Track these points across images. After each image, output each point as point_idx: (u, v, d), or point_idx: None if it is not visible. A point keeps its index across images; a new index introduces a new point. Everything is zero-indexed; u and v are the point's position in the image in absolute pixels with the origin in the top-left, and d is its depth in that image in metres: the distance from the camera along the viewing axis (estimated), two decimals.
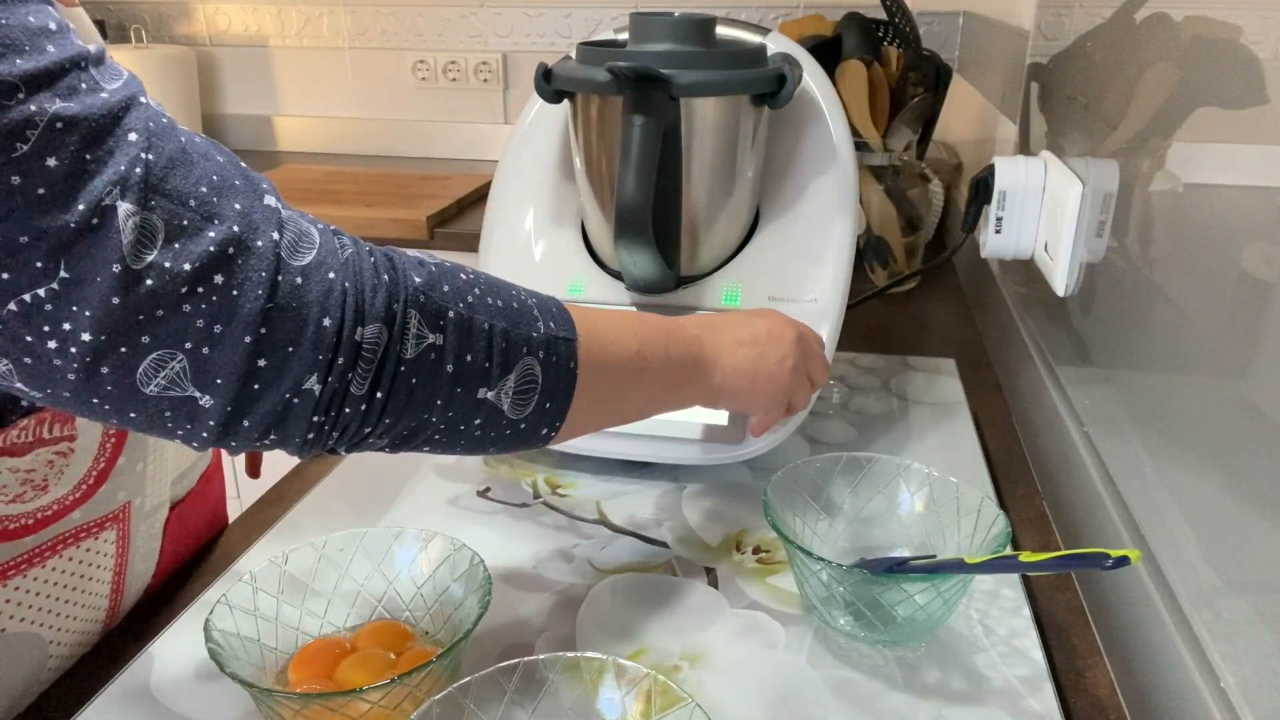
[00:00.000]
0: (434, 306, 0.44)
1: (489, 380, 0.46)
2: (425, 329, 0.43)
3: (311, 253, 0.40)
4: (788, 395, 0.64)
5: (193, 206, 0.37)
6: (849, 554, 0.62)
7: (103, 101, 0.35)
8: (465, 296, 0.45)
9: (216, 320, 0.37)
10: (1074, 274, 0.76)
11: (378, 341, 0.41)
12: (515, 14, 2.03)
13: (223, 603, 0.50)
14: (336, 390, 0.40)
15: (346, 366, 0.40)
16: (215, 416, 0.39)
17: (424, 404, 0.44)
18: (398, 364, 0.42)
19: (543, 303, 0.50)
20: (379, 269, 0.42)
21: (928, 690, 0.53)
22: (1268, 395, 0.43)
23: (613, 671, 0.45)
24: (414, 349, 0.43)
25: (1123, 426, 0.63)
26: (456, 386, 0.45)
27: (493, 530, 0.68)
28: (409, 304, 0.42)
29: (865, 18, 1.24)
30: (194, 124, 2.17)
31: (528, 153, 0.82)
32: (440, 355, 0.44)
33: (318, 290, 0.39)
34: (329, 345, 0.40)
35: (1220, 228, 0.51)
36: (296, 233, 0.40)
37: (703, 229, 0.74)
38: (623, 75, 0.62)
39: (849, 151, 0.76)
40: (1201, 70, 0.54)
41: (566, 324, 0.50)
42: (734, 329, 0.61)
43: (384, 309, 0.41)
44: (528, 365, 0.47)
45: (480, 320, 0.45)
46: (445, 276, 0.45)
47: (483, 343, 0.45)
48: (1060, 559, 0.47)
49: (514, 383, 0.47)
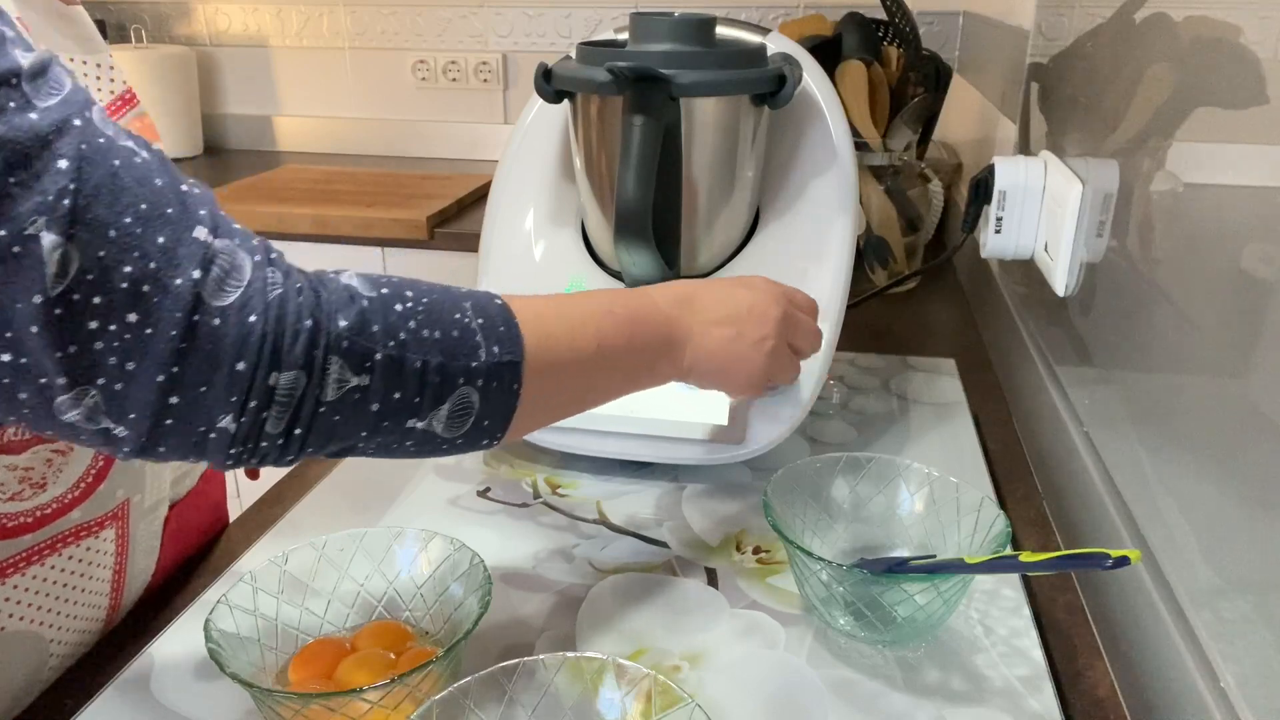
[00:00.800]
0: (360, 350, 0.42)
1: (419, 412, 0.45)
2: (348, 373, 0.42)
3: (235, 292, 0.39)
4: (764, 377, 0.62)
5: (112, 238, 0.36)
6: (849, 554, 0.62)
7: (31, 123, 0.34)
8: (398, 333, 0.44)
9: (129, 358, 0.37)
10: (1074, 274, 0.76)
11: (294, 387, 0.41)
12: (515, 14, 2.03)
13: (223, 603, 0.50)
14: (252, 428, 0.40)
15: (260, 408, 0.40)
16: (131, 444, 0.39)
17: (348, 436, 0.44)
18: (316, 405, 0.42)
19: (490, 322, 0.48)
20: (302, 312, 0.41)
21: (928, 690, 0.53)
22: (1268, 395, 0.43)
23: (613, 671, 0.45)
24: (335, 392, 0.42)
25: (1123, 426, 0.63)
26: (383, 421, 0.44)
27: (493, 530, 0.68)
28: (330, 350, 0.41)
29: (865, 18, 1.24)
30: (194, 124, 2.17)
31: (528, 153, 0.82)
32: (365, 395, 0.43)
33: (235, 333, 0.39)
34: (242, 389, 0.39)
35: (1220, 228, 0.51)
36: (225, 268, 0.39)
37: (702, 229, 0.74)
38: (623, 75, 0.62)
39: (849, 151, 0.76)
40: (1201, 70, 0.54)
41: (513, 344, 0.48)
42: (714, 306, 0.59)
43: (302, 356, 0.40)
44: (463, 395, 0.46)
45: (412, 359, 0.44)
46: (379, 312, 0.44)
47: (413, 380, 0.44)
48: (1060, 559, 0.47)
49: (447, 411, 0.46)
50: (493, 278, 0.79)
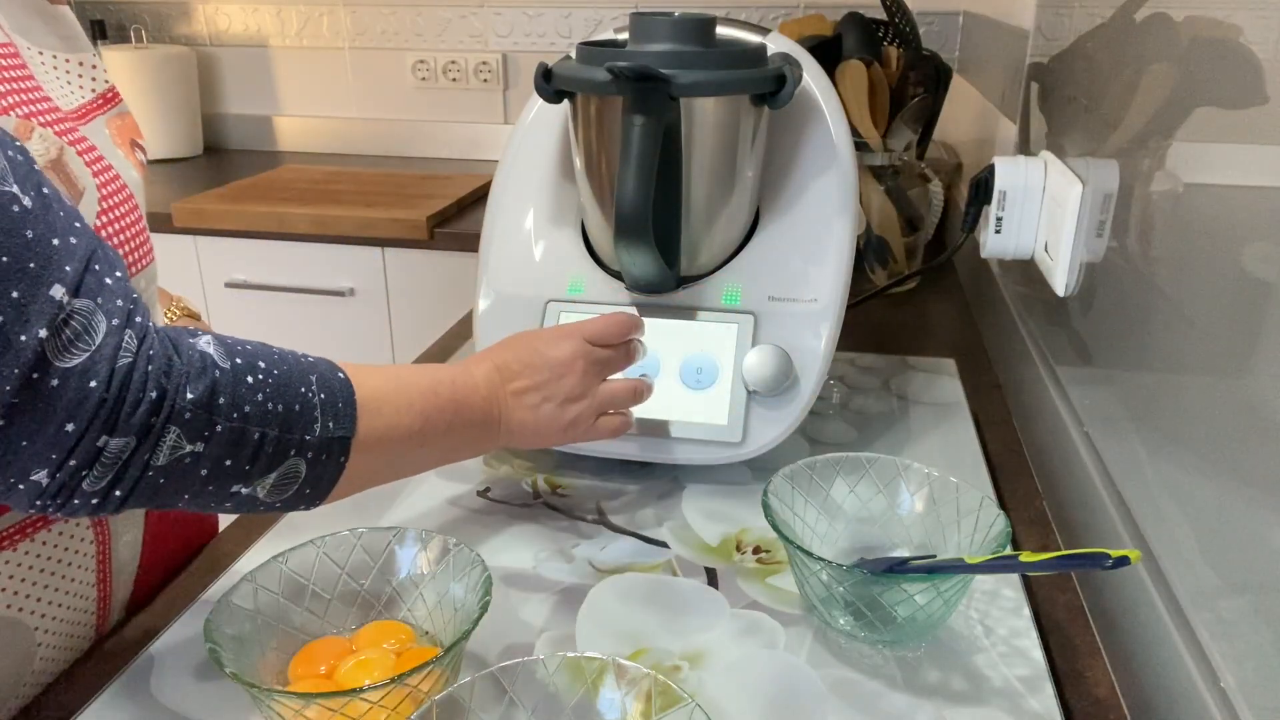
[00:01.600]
0: (202, 421, 0.43)
1: (247, 479, 0.46)
2: (184, 441, 0.43)
3: (81, 355, 0.39)
4: (576, 430, 0.65)
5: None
6: (849, 554, 0.62)
7: None
8: (243, 407, 0.45)
9: None
10: (1074, 274, 0.76)
11: (123, 450, 0.41)
12: (515, 14, 2.03)
13: (223, 603, 0.50)
14: (66, 485, 0.40)
15: (81, 467, 0.40)
16: None
17: (169, 497, 0.44)
18: (144, 469, 0.42)
19: (331, 396, 0.50)
20: (149, 383, 0.41)
21: (928, 690, 0.53)
22: (1268, 395, 0.43)
23: (613, 671, 0.45)
24: (167, 457, 0.42)
25: (1123, 426, 0.63)
26: (209, 485, 0.45)
27: (493, 530, 0.68)
28: (171, 419, 0.42)
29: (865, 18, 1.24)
30: (194, 124, 2.17)
31: (528, 153, 0.82)
32: (196, 461, 0.44)
33: (72, 396, 0.39)
34: (64, 448, 0.39)
35: (1220, 228, 0.51)
36: (77, 330, 0.39)
37: (703, 229, 0.74)
38: (623, 75, 0.62)
39: (849, 151, 0.76)
40: (1201, 70, 0.54)
41: (348, 420, 0.50)
42: (521, 371, 0.63)
43: (140, 424, 0.41)
44: (293, 465, 0.48)
45: (252, 431, 0.45)
46: (228, 386, 0.44)
47: (248, 450, 0.45)
48: (1060, 559, 0.47)
49: (274, 479, 0.47)
50: (493, 278, 0.79)
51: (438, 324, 1.66)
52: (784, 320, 0.74)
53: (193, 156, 2.17)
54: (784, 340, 0.73)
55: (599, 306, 0.76)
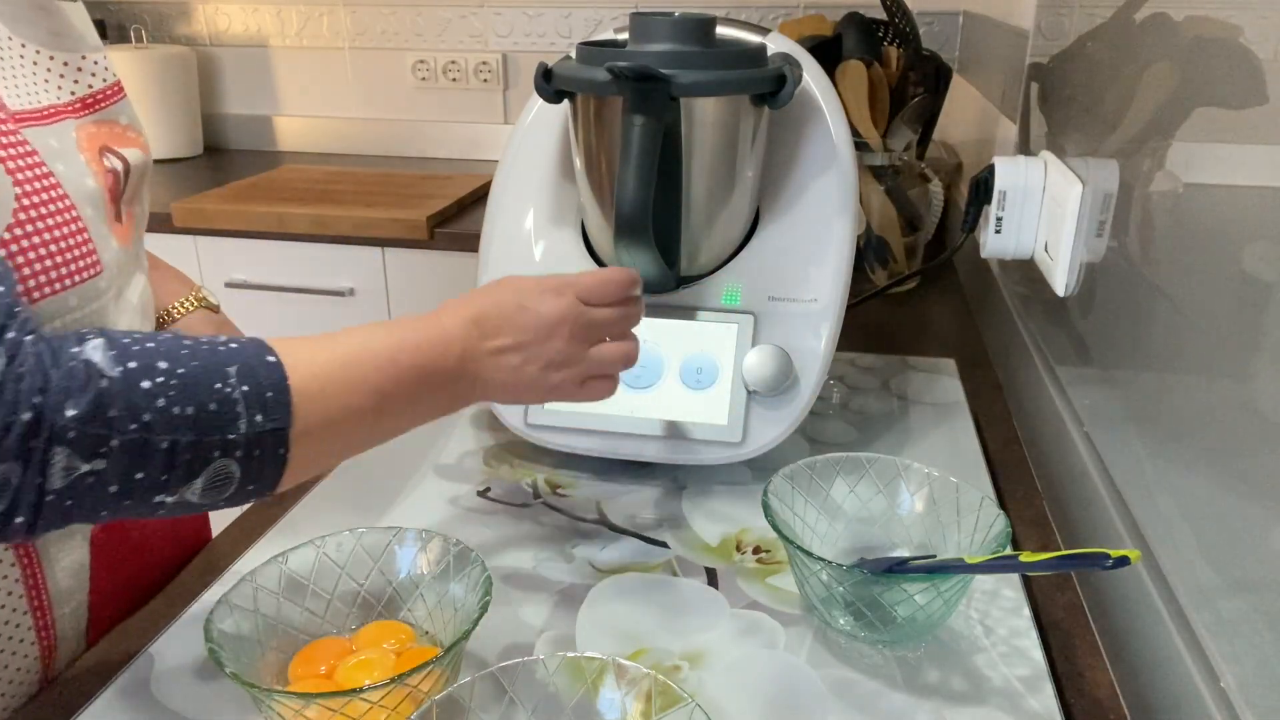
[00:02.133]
0: (91, 437, 0.40)
1: (166, 488, 0.43)
2: (77, 460, 0.39)
3: None
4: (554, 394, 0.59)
5: None
6: (849, 554, 0.62)
7: None
8: (142, 415, 0.41)
9: None
10: (1074, 274, 0.76)
11: (8, 478, 0.38)
12: (515, 14, 2.03)
13: (223, 603, 0.50)
14: None
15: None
16: None
17: (87, 516, 0.42)
18: (40, 494, 0.39)
19: (256, 388, 0.45)
20: (20, 401, 0.38)
21: (928, 690, 0.53)
22: (1267, 395, 0.43)
23: (613, 671, 0.45)
24: (62, 480, 0.40)
25: (1123, 426, 0.63)
26: (125, 499, 0.42)
27: (493, 530, 0.68)
28: (53, 440, 0.39)
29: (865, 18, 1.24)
30: (194, 124, 2.17)
31: (528, 153, 0.82)
32: (100, 479, 0.40)
33: None
34: None
35: (1220, 228, 0.51)
36: None
37: (703, 229, 0.74)
38: (623, 75, 0.62)
39: (849, 151, 0.76)
40: (1201, 70, 0.54)
41: (280, 410, 0.45)
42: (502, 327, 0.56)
43: (16, 449, 0.38)
44: (220, 467, 0.44)
45: (157, 439, 0.41)
46: (120, 395, 0.41)
47: (159, 460, 0.42)
48: (1060, 559, 0.47)
49: (202, 484, 0.44)
50: (493, 278, 0.79)
51: None
52: (784, 320, 0.74)
53: (193, 156, 2.17)
54: (784, 340, 0.73)
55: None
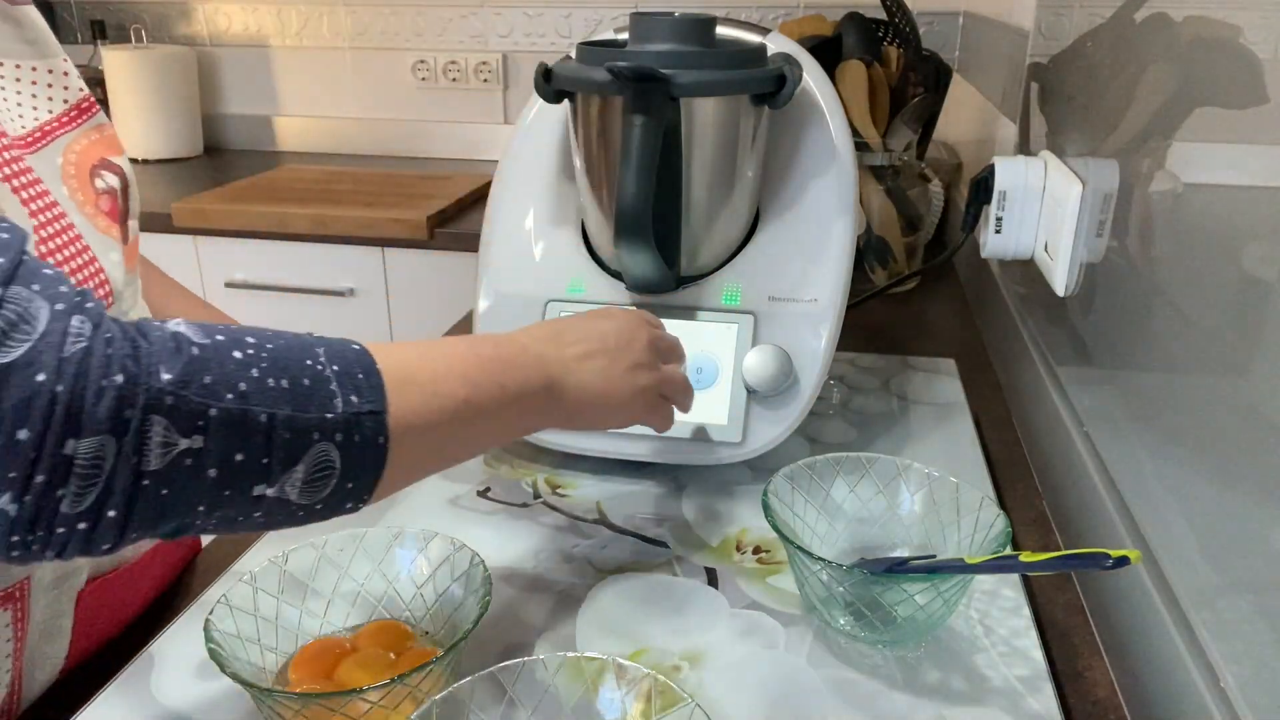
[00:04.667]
0: (188, 407, 0.36)
1: (268, 477, 0.39)
2: (175, 434, 0.36)
3: (21, 347, 0.34)
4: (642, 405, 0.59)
5: None
6: (849, 554, 0.62)
7: None
8: (236, 384, 0.38)
9: None
10: (1074, 274, 0.76)
11: (100, 455, 0.35)
12: (515, 14, 2.03)
13: (223, 603, 0.50)
14: (41, 510, 0.34)
15: (53, 485, 0.34)
16: None
17: (181, 512, 0.38)
18: (136, 478, 0.36)
19: (347, 368, 0.43)
20: (111, 366, 0.35)
21: (928, 690, 0.53)
22: (1268, 395, 0.43)
23: (613, 671, 0.45)
24: (160, 459, 0.36)
25: (1123, 426, 0.63)
26: (224, 490, 0.38)
27: (493, 530, 0.68)
28: (149, 409, 0.35)
29: (865, 18, 1.24)
30: (194, 124, 2.17)
31: (528, 153, 0.82)
32: (199, 460, 0.37)
33: (16, 396, 0.33)
34: (25, 462, 0.33)
35: (1220, 228, 0.51)
36: (12, 319, 0.34)
37: (703, 229, 0.74)
38: (623, 75, 0.62)
39: (849, 151, 0.76)
40: (1201, 70, 0.54)
41: (374, 393, 0.43)
42: (581, 340, 0.56)
43: (109, 418, 0.35)
44: (321, 452, 0.40)
45: (256, 412, 0.38)
46: (211, 362, 0.38)
47: (259, 438, 0.38)
48: (1060, 559, 0.47)
49: (303, 474, 0.40)
50: (493, 278, 0.79)
51: (438, 324, 1.66)
52: (784, 320, 0.74)
53: (193, 156, 2.17)
54: (784, 340, 0.73)
55: (599, 306, 0.76)
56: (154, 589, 0.64)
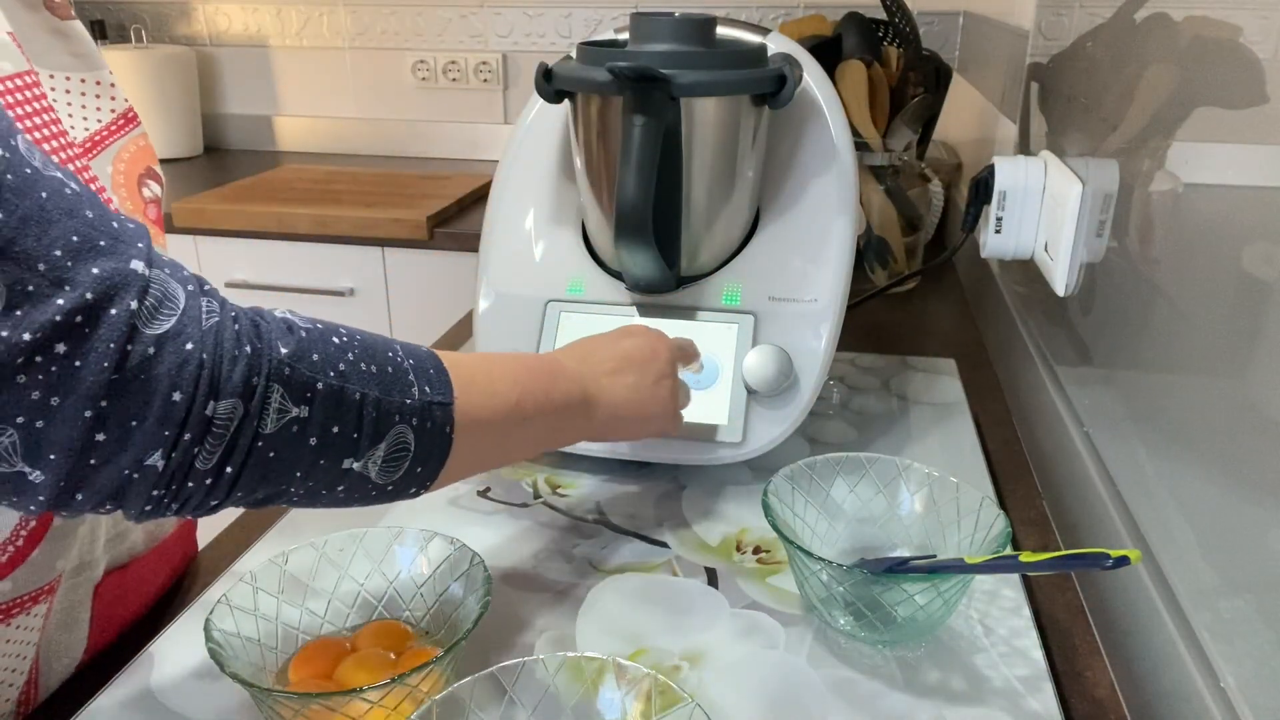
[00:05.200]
0: (300, 378, 0.41)
1: (357, 451, 0.44)
2: (289, 402, 0.40)
3: (170, 319, 0.37)
4: (672, 413, 0.65)
5: (41, 271, 0.34)
6: (849, 554, 0.62)
7: None
8: (337, 364, 0.43)
9: (54, 392, 0.34)
10: (1074, 274, 0.76)
11: (231, 416, 0.39)
12: (515, 14, 2.03)
13: (223, 603, 0.50)
14: (181, 465, 0.38)
15: (194, 442, 0.38)
16: (46, 492, 0.36)
17: (281, 476, 0.42)
18: (254, 439, 0.40)
19: (420, 364, 0.48)
20: (241, 339, 0.39)
21: (928, 690, 0.53)
22: (1268, 395, 0.43)
23: (613, 671, 0.45)
24: (275, 423, 0.40)
25: (1123, 426, 0.63)
26: (320, 459, 0.42)
27: (493, 530, 0.68)
28: (271, 378, 0.40)
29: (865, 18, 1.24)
30: (194, 124, 2.17)
31: (528, 153, 0.82)
32: (304, 428, 0.41)
33: (171, 362, 0.37)
34: (177, 421, 0.37)
35: (1220, 228, 0.51)
36: (159, 296, 0.37)
37: (703, 229, 0.74)
38: (623, 75, 0.62)
39: (849, 151, 0.76)
40: (1201, 70, 0.54)
41: (443, 386, 0.48)
42: (610, 359, 0.62)
43: (241, 383, 0.39)
44: (399, 433, 0.45)
45: (351, 390, 0.43)
46: (316, 343, 0.43)
47: (352, 413, 0.43)
48: (1060, 559, 0.47)
49: (384, 451, 0.45)
50: (493, 278, 0.79)
51: (438, 324, 1.66)
52: (784, 320, 0.74)
53: (193, 156, 2.17)
54: (784, 340, 0.73)
55: (599, 306, 0.76)
56: (165, 582, 0.65)
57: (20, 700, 0.52)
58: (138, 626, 0.61)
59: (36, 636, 0.51)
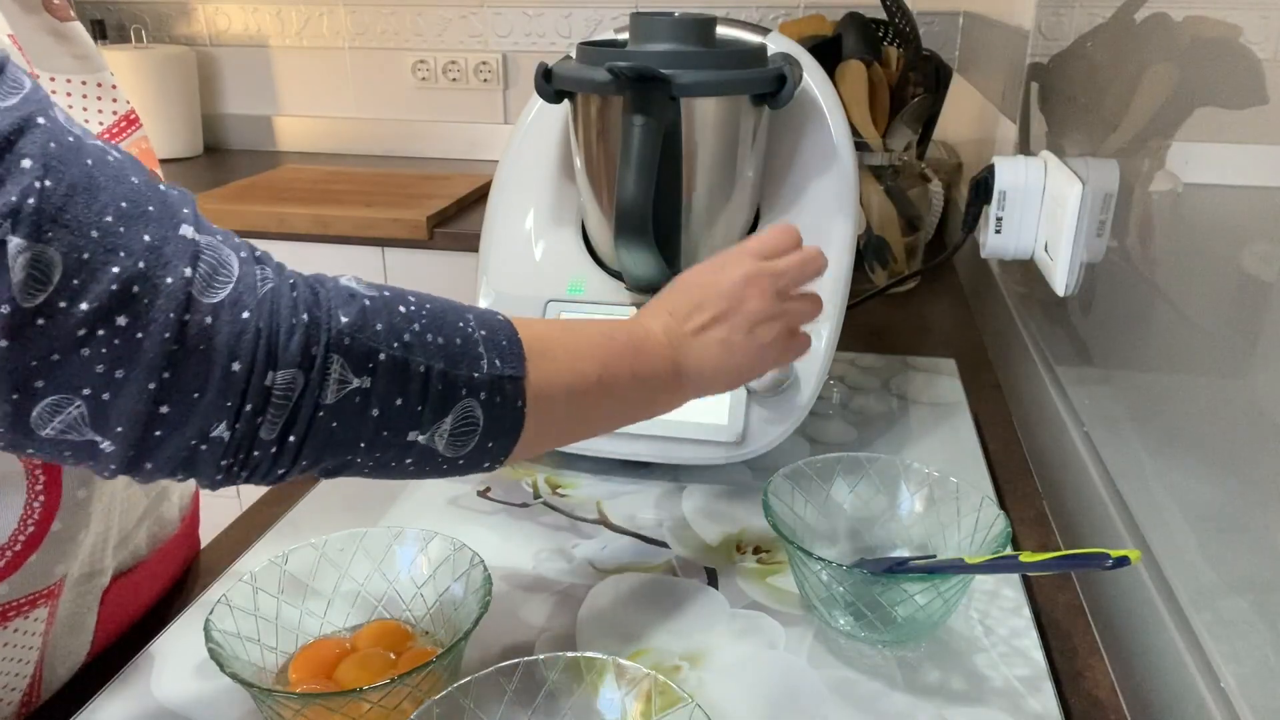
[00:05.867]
0: (362, 349, 0.40)
1: (420, 424, 0.43)
2: (349, 373, 0.40)
3: (226, 288, 0.37)
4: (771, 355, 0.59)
5: (95, 238, 0.34)
6: (849, 554, 0.62)
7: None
8: (401, 335, 0.42)
9: (118, 365, 0.34)
10: (1074, 274, 0.76)
11: (291, 386, 0.38)
12: (515, 14, 2.03)
13: (223, 603, 0.50)
14: (246, 435, 0.38)
15: (256, 412, 0.38)
16: (116, 460, 0.37)
17: (345, 446, 0.41)
18: (315, 409, 0.39)
19: (492, 334, 0.46)
20: (299, 306, 0.39)
21: (928, 690, 0.53)
22: (1268, 395, 0.43)
23: (613, 671, 0.45)
24: (335, 394, 0.40)
25: (1123, 426, 0.63)
26: (383, 430, 0.42)
27: (493, 530, 0.68)
28: (331, 347, 0.39)
29: (865, 18, 1.24)
30: (194, 124, 2.17)
31: (528, 153, 0.82)
32: (366, 399, 0.41)
33: (228, 331, 0.36)
34: (237, 391, 0.37)
35: (1220, 228, 0.51)
36: (213, 264, 0.37)
37: (703, 229, 0.74)
38: (623, 75, 0.62)
39: (849, 151, 0.76)
40: (1201, 70, 0.54)
41: (515, 359, 0.46)
42: (696, 310, 0.56)
43: (300, 353, 0.38)
44: (466, 408, 0.44)
45: (416, 362, 0.42)
46: (381, 312, 0.42)
47: (416, 385, 0.42)
48: (1060, 559, 0.47)
49: (450, 425, 0.44)
50: (493, 278, 0.79)
51: None
52: None
53: (193, 156, 2.17)
54: None
55: (599, 306, 0.76)
56: (168, 583, 0.64)
57: (23, 702, 0.52)
58: (139, 627, 0.61)
59: (38, 640, 0.51)
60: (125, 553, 0.58)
